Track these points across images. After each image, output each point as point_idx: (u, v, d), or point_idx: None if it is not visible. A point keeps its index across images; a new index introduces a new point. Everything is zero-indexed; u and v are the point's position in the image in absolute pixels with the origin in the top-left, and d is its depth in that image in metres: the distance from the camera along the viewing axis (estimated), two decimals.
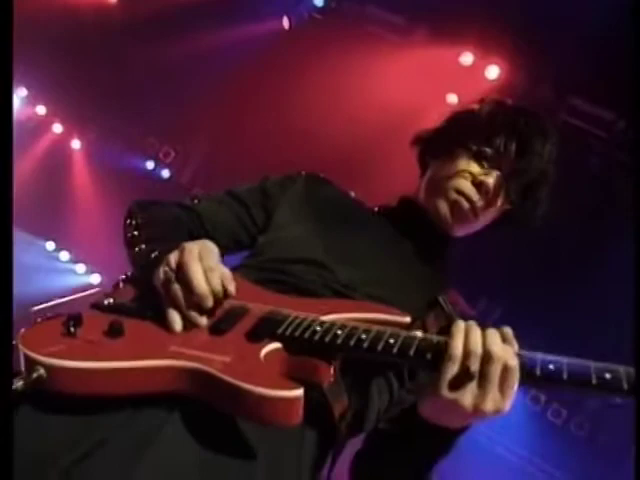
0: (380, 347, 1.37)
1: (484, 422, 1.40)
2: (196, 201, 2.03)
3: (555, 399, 6.01)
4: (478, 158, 1.95)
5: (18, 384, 1.27)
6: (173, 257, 1.50)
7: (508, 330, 1.38)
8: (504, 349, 1.33)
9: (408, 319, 1.54)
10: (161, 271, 1.50)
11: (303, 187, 2.04)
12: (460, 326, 1.38)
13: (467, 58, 5.91)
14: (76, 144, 7.80)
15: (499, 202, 1.97)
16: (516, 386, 1.32)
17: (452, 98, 6.13)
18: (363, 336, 1.39)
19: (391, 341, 1.38)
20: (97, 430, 1.31)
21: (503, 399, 1.33)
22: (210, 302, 1.46)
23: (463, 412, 1.34)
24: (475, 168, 1.94)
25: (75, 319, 1.40)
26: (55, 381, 1.30)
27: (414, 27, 6.05)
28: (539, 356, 1.33)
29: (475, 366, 1.31)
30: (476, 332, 1.36)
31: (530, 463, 6.21)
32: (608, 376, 1.26)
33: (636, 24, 4.35)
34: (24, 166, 7.33)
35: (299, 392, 1.26)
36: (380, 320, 1.51)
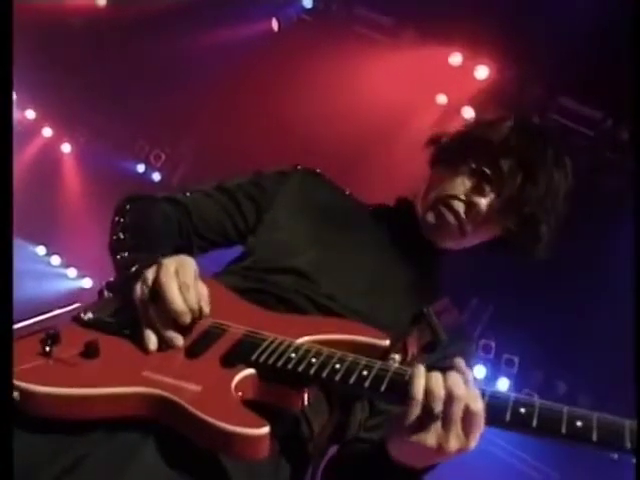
0: (352, 380, 1.36)
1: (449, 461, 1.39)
2: (187, 194, 2.00)
3: (549, 398, 5.98)
4: (478, 177, 1.88)
5: None
6: (150, 274, 1.49)
7: (469, 372, 1.36)
8: (466, 390, 1.31)
9: (387, 342, 1.51)
10: (138, 288, 1.49)
11: (297, 185, 2.01)
12: (420, 369, 1.35)
13: (456, 58, 5.91)
14: (66, 148, 7.77)
15: (491, 226, 1.91)
16: (481, 426, 1.31)
17: (441, 98, 6.14)
18: (337, 366, 1.38)
19: (364, 373, 1.37)
20: (73, 449, 1.31)
21: (467, 439, 1.32)
22: (187, 319, 1.45)
23: (427, 452, 1.33)
24: (471, 188, 1.88)
25: (52, 337, 1.40)
26: (28, 404, 1.31)
27: (403, 28, 6.06)
28: (511, 398, 1.32)
29: (438, 408, 1.30)
30: (437, 375, 1.34)
31: (526, 463, 6.21)
32: (579, 424, 1.25)
33: (627, 23, 4.37)
34: (14, 170, 7.30)
35: (265, 430, 1.26)
36: (359, 342, 1.50)
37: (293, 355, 1.41)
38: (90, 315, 1.57)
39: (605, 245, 5.11)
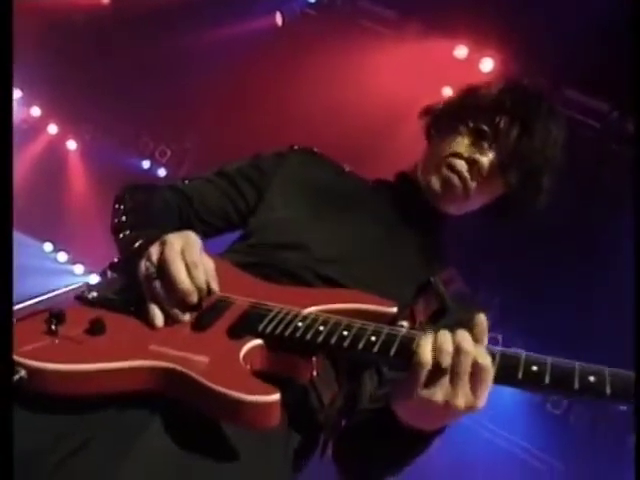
0: (361, 345, 1.35)
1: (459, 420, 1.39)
2: (186, 182, 2.01)
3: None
4: (477, 137, 1.92)
5: None
6: (154, 251, 1.48)
7: (481, 329, 1.36)
8: (475, 346, 1.31)
9: (395, 309, 1.52)
10: (142, 265, 1.48)
11: (295, 163, 2.02)
12: (428, 333, 1.36)
13: (461, 51, 5.89)
14: (72, 145, 7.78)
15: (494, 184, 1.94)
16: (489, 383, 1.30)
17: (447, 91, 6.11)
18: (345, 332, 1.37)
19: (372, 339, 1.36)
20: (81, 428, 1.31)
21: (475, 396, 1.31)
22: (194, 299, 1.45)
23: (435, 409, 1.33)
24: (472, 147, 1.91)
25: (57, 316, 1.39)
26: (36, 382, 1.30)
27: (407, 21, 6.04)
28: (522, 356, 1.30)
29: (446, 362, 1.30)
30: (445, 332, 1.34)
31: (530, 454, 6.22)
32: (592, 379, 1.23)
33: (632, 14, 4.35)
34: (20, 168, 7.31)
35: (276, 397, 1.25)
36: (366, 310, 1.50)
37: (300, 324, 1.40)
38: (94, 293, 1.56)
39: (612, 238, 5.09)
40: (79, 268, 8.11)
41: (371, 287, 1.63)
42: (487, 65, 5.83)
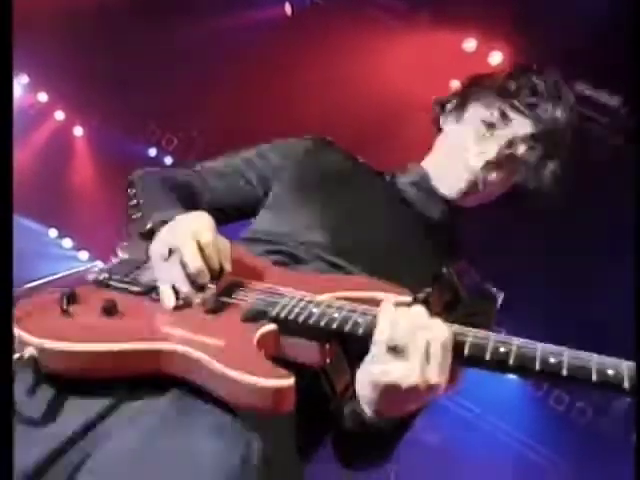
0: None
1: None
2: (198, 167, 2.02)
3: (558, 386, 6.02)
4: (486, 127, 1.90)
5: None
6: (166, 231, 1.47)
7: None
8: (430, 320, 1.29)
9: (409, 298, 1.49)
10: (155, 246, 1.48)
11: (307, 152, 2.01)
12: (388, 306, 1.34)
13: (470, 44, 5.87)
14: (78, 131, 7.78)
15: (507, 173, 1.92)
16: (449, 356, 1.26)
17: (455, 84, 6.10)
18: (359, 320, 1.35)
19: None
20: (91, 409, 1.31)
21: (436, 371, 1.26)
22: (206, 279, 1.43)
23: (392, 389, 1.28)
24: (480, 137, 1.90)
25: (69, 297, 1.40)
26: (47, 362, 1.30)
27: (416, 12, 6.00)
28: (539, 346, 1.25)
29: (403, 340, 1.27)
30: (401, 309, 1.32)
31: (531, 449, 6.23)
32: (610, 372, 1.18)
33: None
34: (26, 153, 7.32)
35: (290, 381, 1.25)
36: (381, 299, 1.47)
37: (315, 310, 1.39)
38: (106, 275, 1.56)
39: (621, 231, 5.08)
40: (84, 254, 8.14)
41: (385, 277, 1.61)
42: (496, 58, 5.81)
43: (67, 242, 8.12)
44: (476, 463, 5.98)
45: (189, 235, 1.43)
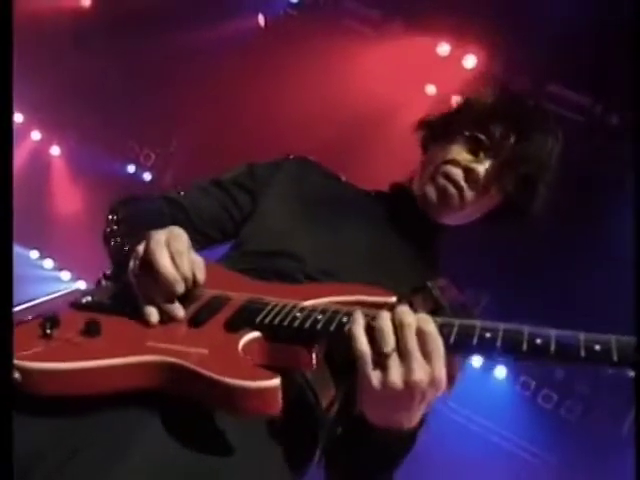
0: None
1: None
2: (181, 193, 1.99)
3: (545, 384, 6.05)
4: (473, 145, 1.91)
5: None
6: (140, 247, 1.46)
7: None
8: (414, 316, 1.28)
9: (394, 299, 1.50)
10: (131, 263, 1.47)
11: (290, 172, 2.01)
12: (357, 314, 1.32)
13: (444, 48, 5.92)
14: (56, 150, 7.74)
15: (491, 192, 1.93)
16: (441, 348, 1.26)
17: (431, 89, 6.15)
18: (344, 319, 1.35)
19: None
20: (80, 431, 1.29)
21: (431, 365, 1.25)
22: (180, 287, 1.42)
23: (397, 395, 1.27)
24: (468, 155, 1.91)
25: (51, 320, 1.38)
26: (32, 384, 1.28)
27: (389, 20, 6.05)
28: (525, 329, 1.26)
29: (390, 344, 1.25)
30: (381, 313, 1.30)
31: (522, 448, 6.24)
32: (597, 347, 1.19)
33: (613, 8, 4.38)
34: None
35: (276, 381, 1.24)
36: (365, 302, 1.48)
37: (298, 314, 1.39)
38: (88, 298, 1.55)
39: (600, 232, 5.12)
40: (66, 275, 8.08)
41: None
42: (470, 62, 5.86)
43: (48, 263, 8.06)
44: (467, 465, 5.97)
45: (161, 245, 1.43)
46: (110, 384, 1.31)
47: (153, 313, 1.43)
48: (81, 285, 7.98)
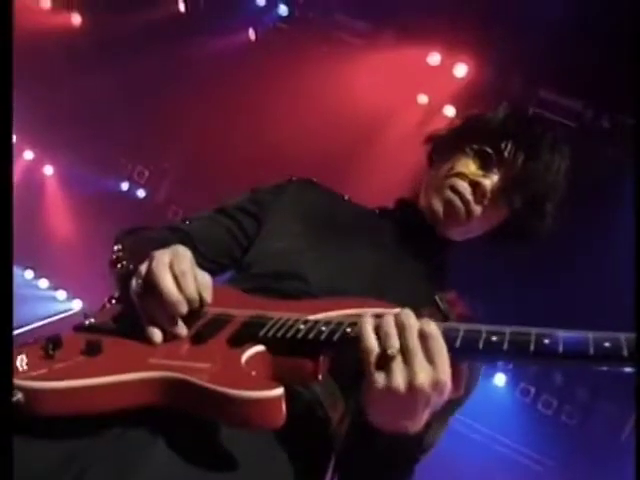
0: None
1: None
2: (187, 222, 1.98)
3: (545, 390, 6.05)
4: (480, 159, 1.89)
5: None
6: (143, 268, 1.44)
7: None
8: (417, 319, 1.27)
9: (397, 310, 1.45)
10: (133, 283, 1.46)
11: (293, 194, 2.00)
12: (367, 317, 1.32)
13: (434, 58, 5.95)
14: (49, 170, 7.73)
15: (497, 209, 1.91)
16: (444, 351, 1.24)
17: (422, 98, 6.17)
18: (348, 329, 1.34)
19: None
20: (82, 454, 1.28)
21: (434, 367, 1.24)
22: (184, 309, 1.40)
23: (401, 398, 1.24)
24: (475, 169, 1.89)
25: (54, 341, 1.37)
26: (34, 404, 1.27)
27: (380, 31, 6.08)
28: (532, 331, 1.23)
29: (394, 345, 1.25)
30: (386, 316, 1.30)
31: (522, 455, 6.23)
32: (607, 345, 1.17)
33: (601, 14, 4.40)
34: None
35: (279, 391, 1.22)
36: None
37: (302, 327, 1.37)
38: (92, 320, 1.55)
39: (594, 235, 5.13)
40: (61, 294, 8.06)
41: None
42: (461, 70, 5.89)
43: (43, 282, 8.04)
44: (469, 473, 5.96)
45: (163, 267, 1.41)
46: (111, 402, 1.30)
47: (156, 333, 1.42)
48: (77, 304, 7.96)
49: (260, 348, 1.37)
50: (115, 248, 1.78)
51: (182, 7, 6.70)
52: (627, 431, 5.52)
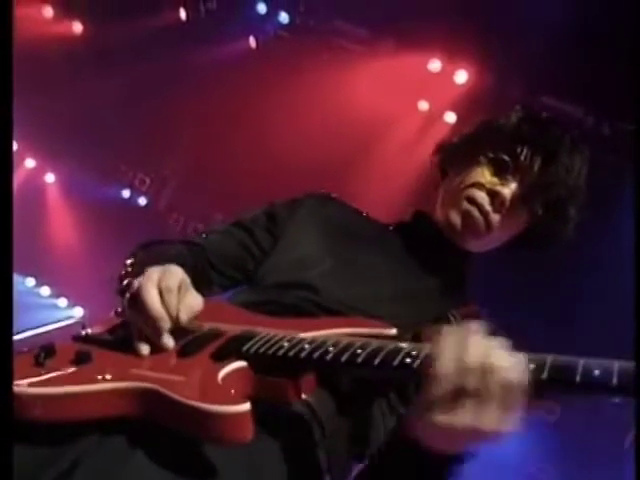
0: (345, 358, 1.27)
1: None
2: (203, 235, 1.98)
3: (548, 396, 6.03)
4: (497, 167, 1.84)
5: None
6: (135, 282, 1.47)
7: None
8: (507, 359, 1.13)
9: (393, 331, 1.45)
10: (126, 296, 1.48)
11: (310, 208, 1.97)
12: (450, 334, 1.18)
13: (435, 64, 5.96)
14: (50, 178, 7.73)
15: (517, 217, 1.86)
16: (521, 401, 1.13)
17: (423, 105, 6.18)
18: (330, 348, 1.31)
19: (358, 351, 1.27)
20: (66, 455, 1.29)
21: (505, 417, 1.13)
22: (166, 324, 1.41)
23: (457, 436, 1.16)
24: (492, 178, 1.83)
25: (46, 350, 1.40)
26: (18, 409, 1.29)
27: (380, 38, 6.09)
28: (548, 358, 1.15)
29: (472, 383, 1.12)
30: (472, 341, 1.16)
31: (524, 460, 6.21)
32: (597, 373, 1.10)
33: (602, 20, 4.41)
34: None
35: (246, 406, 1.21)
36: (361, 334, 1.43)
37: (286, 344, 1.35)
38: (88, 331, 1.57)
39: (595, 242, 5.12)
40: (63, 301, 8.05)
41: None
42: (461, 77, 5.90)
43: (45, 290, 8.03)
44: (467, 476, 5.95)
45: (151, 282, 1.43)
46: (92, 410, 1.31)
47: (143, 345, 1.44)
48: (78, 311, 7.95)
49: (241, 364, 1.36)
50: (128, 262, 1.79)
51: (183, 15, 6.71)
52: (628, 441, 5.51)
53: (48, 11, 7.10)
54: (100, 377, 1.34)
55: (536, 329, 5.40)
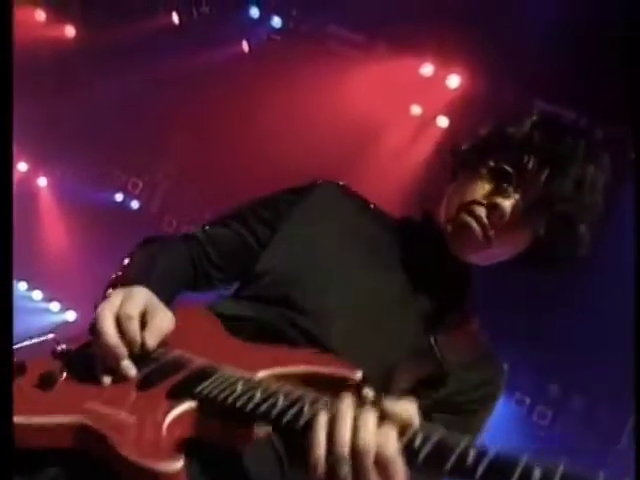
0: (286, 419, 1.20)
1: None
2: (207, 227, 1.91)
3: (540, 401, 6.03)
4: (499, 178, 1.71)
5: None
6: (99, 306, 1.42)
7: (392, 406, 1.14)
8: (378, 435, 1.10)
9: (358, 375, 1.35)
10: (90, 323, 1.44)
11: (316, 199, 1.88)
12: (321, 423, 1.14)
13: (427, 69, 5.97)
14: (42, 181, 7.71)
15: (519, 233, 1.73)
16: (400, 472, 1.09)
17: (416, 109, 6.19)
18: (279, 403, 1.22)
19: (305, 409, 1.20)
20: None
21: None
22: (122, 352, 1.36)
23: None
24: (493, 188, 1.71)
25: (17, 368, 1.37)
26: None
27: (373, 43, 6.10)
28: (462, 443, 1.11)
29: (344, 468, 1.10)
30: (341, 425, 1.12)
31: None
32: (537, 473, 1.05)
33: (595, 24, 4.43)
34: None
35: (176, 466, 1.17)
36: (324, 375, 1.38)
37: (239, 389, 1.28)
38: (63, 346, 1.51)
39: (596, 244, 5.12)
40: (55, 305, 8.02)
41: (353, 344, 1.54)
42: (454, 81, 5.91)
43: (37, 294, 8.00)
44: None
45: (108, 310, 1.39)
46: (45, 442, 1.29)
47: (105, 374, 1.39)
48: (71, 315, 7.92)
49: (192, 405, 1.31)
50: (125, 262, 1.73)
51: (176, 19, 6.72)
52: (623, 442, 5.51)
53: (40, 15, 7.09)
54: (52, 408, 1.31)
55: (536, 329, 5.42)
